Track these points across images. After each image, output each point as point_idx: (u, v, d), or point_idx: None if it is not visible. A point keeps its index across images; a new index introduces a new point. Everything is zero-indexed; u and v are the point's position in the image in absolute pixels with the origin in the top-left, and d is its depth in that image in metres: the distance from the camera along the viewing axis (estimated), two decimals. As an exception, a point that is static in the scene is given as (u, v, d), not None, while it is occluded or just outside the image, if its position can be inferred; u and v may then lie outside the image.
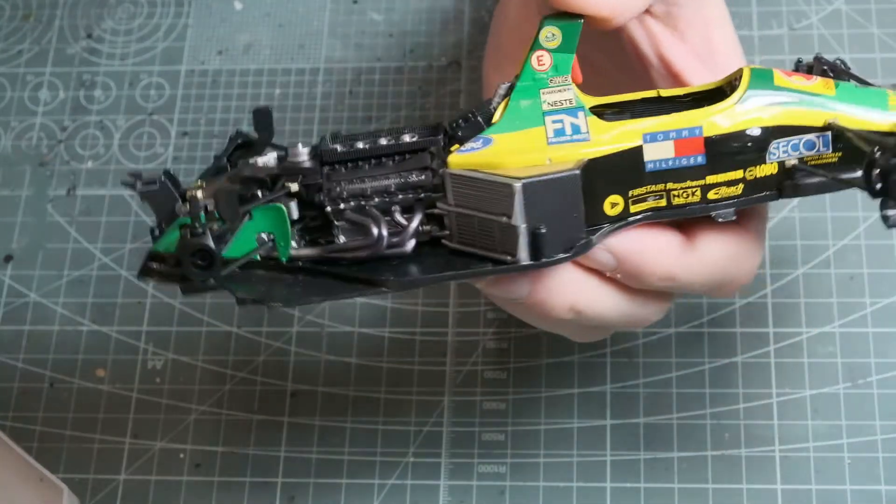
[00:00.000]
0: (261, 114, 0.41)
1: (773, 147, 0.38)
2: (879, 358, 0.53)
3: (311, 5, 0.65)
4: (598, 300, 0.40)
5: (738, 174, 0.39)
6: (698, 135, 0.38)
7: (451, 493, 0.53)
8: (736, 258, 0.41)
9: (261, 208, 0.38)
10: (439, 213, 0.38)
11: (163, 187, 0.38)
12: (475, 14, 0.64)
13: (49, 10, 0.67)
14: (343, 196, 0.39)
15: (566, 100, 0.38)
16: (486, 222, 0.37)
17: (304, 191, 0.38)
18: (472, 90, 0.61)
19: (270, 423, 0.55)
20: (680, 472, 0.52)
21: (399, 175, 0.39)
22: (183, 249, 0.36)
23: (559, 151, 0.37)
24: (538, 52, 0.38)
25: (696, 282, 0.41)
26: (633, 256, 0.39)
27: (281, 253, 0.39)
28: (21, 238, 0.61)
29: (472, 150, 0.38)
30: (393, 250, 0.38)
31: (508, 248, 0.37)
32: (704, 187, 0.39)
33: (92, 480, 0.55)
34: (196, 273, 0.36)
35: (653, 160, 0.38)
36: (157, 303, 0.58)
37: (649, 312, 0.42)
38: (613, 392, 0.53)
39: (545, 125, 0.38)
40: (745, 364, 0.53)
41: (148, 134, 0.63)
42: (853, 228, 0.55)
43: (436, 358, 0.55)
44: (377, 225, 0.38)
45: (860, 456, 0.51)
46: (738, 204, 0.39)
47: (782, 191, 0.39)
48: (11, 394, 0.57)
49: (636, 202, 0.39)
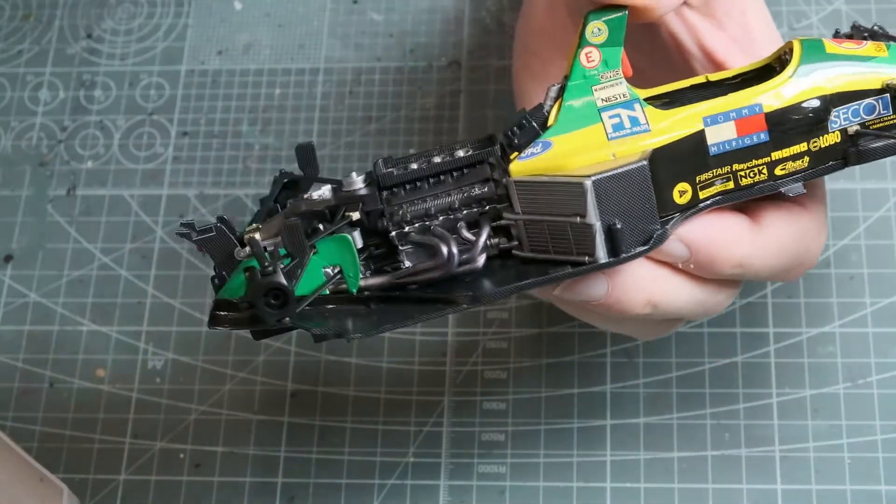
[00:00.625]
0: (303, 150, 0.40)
1: (833, 115, 0.38)
2: (879, 358, 0.53)
3: (311, 5, 0.65)
4: (674, 292, 0.40)
5: (803, 147, 0.38)
6: (759, 112, 0.38)
7: (451, 493, 0.53)
8: (803, 239, 0.41)
9: (325, 240, 0.38)
10: (506, 225, 0.38)
11: (220, 233, 0.38)
12: (475, 14, 0.64)
13: (49, 10, 0.67)
14: (406, 219, 0.38)
15: (620, 94, 0.38)
16: (557, 225, 0.37)
17: (366, 218, 0.38)
18: (473, 90, 0.61)
19: (270, 423, 0.55)
20: (680, 472, 0.52)
21: (460, 190, 0.38)
22: (255, 290, 0.36)
23: (621, 146, 0.37)
24: (586, 48, 0.38)
25: (766, 266, 0.41)
26: (706, 245, 0.39)
27: (350, 284, 0.38)
28: (21, 238, 0.61)
29: (533, 156, 0.37)
30: (464, 267, 0.38)
31: (585, 249, 0.37)
32: (770, 164, 0.38)
33: (92, 480, 0.55)
34: (270, 313, 0.36)
35: (716, 143, 0.38)
36: (157, 303, 0.58)
37: (721, 299, 0.42)
38: (613, 392, 0.53)
39: (602, 121, 0.37)
40: (745, 364, 0.53)
41: (148, 134, 0.63)
42: (853, 228, 0.55)
43: (436, 358, 0.55)
44: (446, 244, 0.37)
45: (860, 456, 0.51)
46: (806, 177, 0.39)
47: (848, 159, 0.39)
48: (11, 394, 0.57)
49: (704, 187, 0.38)
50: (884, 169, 0.56)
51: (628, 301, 0.39)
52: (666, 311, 0.40)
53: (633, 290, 0.39)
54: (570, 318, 0.55)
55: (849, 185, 0.56)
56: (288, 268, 0.36)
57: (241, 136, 0.62)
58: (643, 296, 0.39)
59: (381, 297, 0.39)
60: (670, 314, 0.41)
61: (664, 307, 0.40)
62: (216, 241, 0.38)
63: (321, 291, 0.38)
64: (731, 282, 0.42)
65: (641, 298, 0.39)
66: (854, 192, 0.56)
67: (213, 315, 0.39)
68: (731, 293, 0.43)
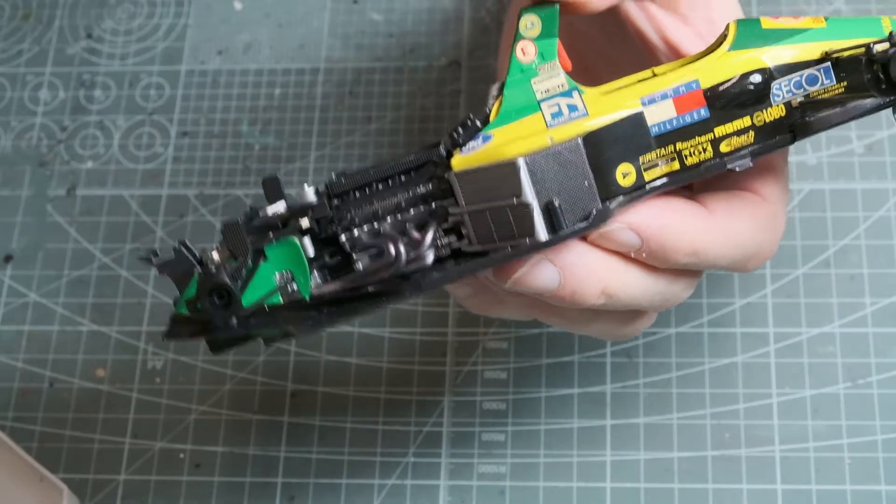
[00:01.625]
0: (270, 183, 0.41)
1: (775, 88, 0.38)
2: (879, 358, 0.53)
3: (311, 5, 0.65)
4: (628, 281, 0.40)
5: (746, 122, 0.38)
6: (696, 88, 0.38)
7: (451, 493, 0.53)
8: (759, 227, 0.41)
9: (274, 246, 0.38)
10: (456, 224, 0.38)
11: (179, 256, 0.38)
12: (475, 14, 0.64)
13: (49, 10, 0.67)
14: (355, 222, 0.39)
15: (558, 85, 0.38)
16: (498, 211, 0.37)
17: (316, 225, 0.38)
18: (472, 90, 0.61)
19: (270, 423, 0.55)
20: (680, 472, 0.52)
21: (407, 191, 0.38)
22: (200, 290, 0.37)
23: (560, 131, 0.37)
24: (521, 42, 0.38)
25: (721, 255, 0.40)
26: (656, 233, 0.39)
27: (302, 289, 0.39)
28: (21, 238, 0.61)
29: (473, 149, 0.38)
30: (413, 265, 0.38)
31: (526, 230, 0.37)
32: (714, 141, 0.38)
33: (92, 480, 0.55)
34: (217, 314, 0.37)
35: (656, 123, 0.38)
36: (157, 303, 0.58)
37: (679, 289, 0.42)
38: (613, 392, 0.53)
39: (542, 111, 0.38)
40: (745, 364, 0.53)
41: (148, 134, 0.63)
42: (853, 228, 0.55)
43: (436, 358, 0.55)
44: (393, 242, 0.38)
45: (860, 456, 0.51)
46: (754, 152, 0.39)
47: (795, 131, 0.39)
48: (11, 394, 0.57)
49: (648, 168, 0.38)
50: (884, 169, 0.56)
51: (582, 291, 0.39)
52: (622, 301, 0.40)
53: (586, 280, 0.39)
54: (570, 318, 0.55)
55: (849, 185, 0.56)
56: (232, 269, 0.37)
57: (241, 136, 0.62)
58: (596, 285, 0.39)
59: (336, 301, 0.39)
60: (627, 304, 0.40)
61: (620, 297, 0.40)
62: (175, 264, 0.39)
63: (273, 297, 0.38)
64: (688, 271, 0.42)
65: (595, 288, 0.39)
66: (854, 192, 0.56)
67: (169, 329, 0.39)
68: (689, 283, 0.42)
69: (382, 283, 0.38)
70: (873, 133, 0.57)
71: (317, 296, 0.39)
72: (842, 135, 0.57)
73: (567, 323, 0.43)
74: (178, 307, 0.39)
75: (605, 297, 0.39)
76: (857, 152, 0.57)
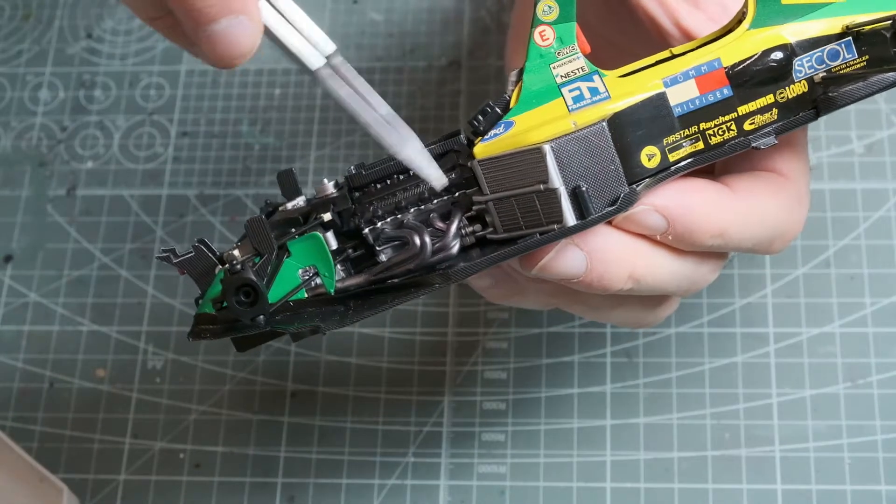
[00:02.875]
0: (285, 176, 0.41)
1: (797, 65, 0.38)
2: (879, 358, 0.53)
3: (311, 5, 0.65)
4: (655, 265, 0.39)
5: (769, 99, 0.38)
6: (718, 67, 0.38)
7: (451, 493, 0.53)
8: (783, 207, 0.41)
9: (298, 241, 0.38)
10: (480, 212, 0.38)
11: (199, 253, 0.38)
12: (475, 14, 0.64)
13: (49, 10, 0.67)
14: (378, 214, 0.38)
15: (578, 69, 0.38)
16: (525, 198, 0.37)
17: (338, 218, 0.38)
18: (473, 90, 0.61)
19: (270, 423, 0.55)
20: (680, 472, 0.52)
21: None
22: (227, 288, 0.36)
23: (583, 114, 0.37)
24: (539, 27, 0.38)
25: (747, 236, 0.40)
26: (682, 215, 0.39)
27: (326, 284, 0.38)
28: (21, 238, 0.61)
29: (496, 136, 0.37)
30: (439, 255, 0.38)
31: (553, 216, 0.36)
32: (738, 119, 0.38)
33: (92, 480, 0.55)
34: (243, 311, 0.36)
35: (679, 103, 0.38)
36: (157, 303, 0.58)
37: (705, 272, 0.41)
38: (613, 392, 0.53)
39: (563, 96, 0.37)
40: (745, 364, 0.53)
41: (148, 134, 0.63)
42: (853, 228, 0.55)
43: (436, 358, 0.55)
44: (418, 233, 0.38)
45: (860, 456, 0.51)
46: (777, 129, 0.39)
47: (818, 107, 0.39)
48: (11, 394, 0.57)
49: (673, 150, 0.38)
50: (884, 169, 0.56)
51: (609, 276, 0.38)
52: (649, 285, 0.40)
53: (614, 264, 0.38)
54: (570, 318, 0.55)
55: (849, 185, 0.56)
56: (257, 266, 0.37)
57: (241, 136, 0.62)
58: (624, 269, 0.39)
59: (361, 294, 0.39)
60: (654, 289, 0.40)
61: (647, 281, 0.39)
62: (196, 262, 0.38)
63: (298, 292, 0.38)
64: (714, 254, 0.42)
65: (623, 272, 0.39)
66: (854, 192, 0.56)
67: (193, 329, 0.39)
68: (715, 265, 0.42)
69: (408, 274, 0.38)
70: (873, 133, 0.57)
71: (341, 289, 0.38)
72: (842, 135, 0.57)
73: (589, 310, 0.43)
74: (201, 306, 0.38)
75: (633, 281, 0.39)
76: (857, 152, 0.57)
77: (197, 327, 0.39)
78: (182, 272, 0.39)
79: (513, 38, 0.51)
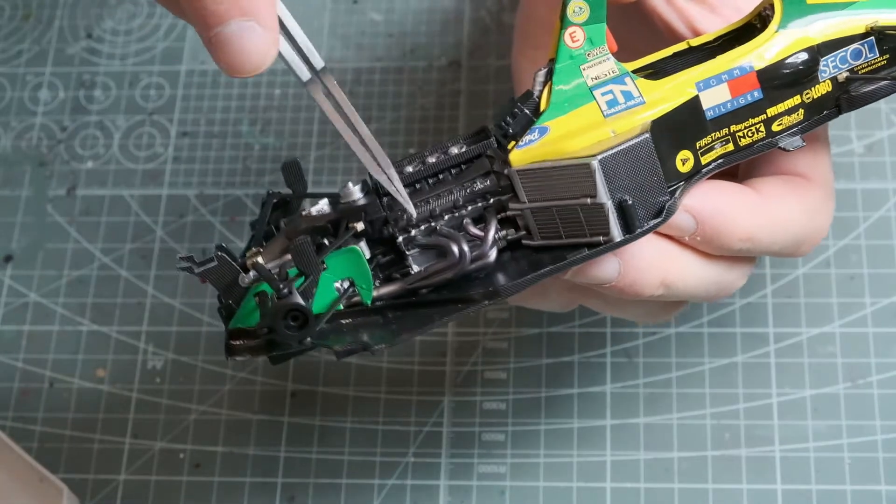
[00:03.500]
0: (290, 167, 0.40)
1: (822, 65, 0.38)
2: (879, 358, 0.53)
3: (311, 5, 0.65)
4: (686, 270, 0.39)
5: (797, 100, 0.39)
6: (750, 70, 0.38)
7: (451, 493, 0.53)
8: (810, 210, 0.41)
9: (334, 255, 0.37)
10: (511, 216, 0.38)
11: (221, 262, 0.37)
12: (475, 14, 0.64)
13: (49, 10, 0.67)
14: (412, 222, 0.38)
15: (609, 70, 0.38)
16: (567, 210, 0.37)
17: (370, 227, 0.38)
18: (472, 90, 0.61)
19: (270, 423, 0.55)
20: (680, 472, 0.52)
21: (462, 187, 0.38)
22: (275, 314, 0.35)
23: (619, 121, 0.37)
24: (570, 28, 0.37)
25: (775, 239, 0.40)
26: (711, 216, 0.39)
27: (364, 296, 0.38)
28: (21, 238, 0.61)
29: (531, 143, 0.37)
30: (477, 264, 0.37)
31: (599, 229, 0.36)
32: (767, 121, 0.39)
33: (92, 480, 0.55)
34: (291, 336, 0.36)
35: (712, 106, 0.38)
36: (157, 303, 0.58)
37: (734, 277, 0.42)
38: (613, 392, 0.53)
39: (596, 100, 0.37)
40: (745, 364, 0.53)
41: (148, 134, 0.63)
42: (853, 228, 0.55)
43: (436, 358, 0.55)
44: (456, 242, 0.37)
45: (860, 456, 0.51)
46: (804, 129, 0.39)
47: (840, 106, 0.39)
48: (11, 394, 0.57)
49: (705, 153, 0.38)
50: (884, 169, 0.56)
51: (642, 282, 0.39)
52: (680, 291, 0.40)
53: (647, 271, 0.38)
54: (571, 318, 0.55)
55: (849, 185, 0.56)
56: (303, 287, 0.36)
57: (241, 136, 0.62)
58: (657, 276, 0.39)
59: (396, 304, 0.38)
60: (684, 295, 0.40)
61: (678, 287, 0.39)
62: (218, 271, 0.37)
63: (336, 307, 0.38)
64: (742, 258, 0.42)
65: (655, 279, 0.39)
66: (854, 192, 0.56)
67: (228, 345, 0.38)
68: (743, 271, 0.42)
69: (445, 283, 0.38)
70: (873, 133, 0.57)
71: (375, 297, 0.38)
72: (842, 135, 0.57)
73: (606, 306, 0.43)
74: (234, 321, 0.38)
75: (664, 287, 0.39)
76: (857, 152, 0.57)
77: (232, 343, 0.38)
78: (203, 281, 0.38)
79: (518, 38, 0.50)
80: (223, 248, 0.38)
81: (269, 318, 0.36)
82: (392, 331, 0.37)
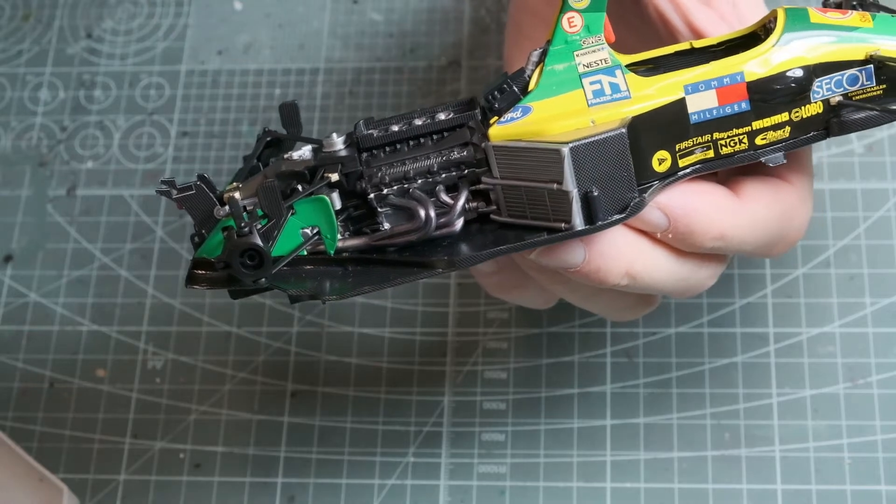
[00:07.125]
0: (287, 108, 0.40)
1: (816, 86, 0.38)
2: (879, 358, 0.53)
3: (311, 5, 0.65)
4: (653, 263, 0.39)
5: (784, 117, 0.38)
6: (740, 81, 0.38)
7: (451, 493, 0.53)
8: (786, 212, 0.41)
9: (303, 202, 0.38)
10: (484, 189, 0.38)
11: (199, 191, 0.38)
12: (475, 14, 0.64)
13: (49, 10, 0.67)
14: (385, 181, 0.38)
15: (601, 60, 0.38)
16: (535, 191, 0.37)
17: (345, 179, 0.38)
18: (473, 90, 0.61)
19: (270, 423, 0.55)
20: (680, 472, 0.52)
21: (440, 154, 0.38)
22: (231, 250, 0.36)
23: (601, 112, 0.37)
24: (568, 13, 0.37)
25: (748, 240, 0.40)
26: (685, 215, 0.39)
27: (328, 246, 0.38)
28: (21, 238, 0.61)
29: (513, 121, 0.37)
30: (442, 231, 0.38)
31: (561, 215, 0.36)
32: (751, 133, 0.38)
33: (92, 480, 0.55)
34: (246, 274, 0.36)
35: (697, 111, 0.38)
36: (157, 303, 0.58)
37: (704, 276, 0.42)
38: (613, 392, 0.53)
39: (583, 87, 0.37)
40: (745, 364, 0.53)
41: (148, 134, 0.63)
42: (853, 228, 0.55)
43: (436, 358, 0.55)
44: (424, 206, 0.37)
45: (860, 456, 0.51)
46: (787, 147, 0.39)
47: (830, 129, 0.39)
48: (11, 394, 0.57)
49: (684, 156, 0.38)
50: (884, 169, 0.56)
51: (606, 270, 0.38)
52: (645, 283, 0.40)
53: (612, 259, 0.38)
54: (570, 318, 0.55)
55: (849, 185, 0.56)
56: (264, 228, 0.36)
57: (241, 136, 0.62)
58: (622, 265, 0.39)
59: (359, 259, 0.39)
60: (650, 287, 0.40)
61: (643, 279, 0.39)
62: (196, 199, 0.38)
63: (299, 252, 0.38)
64: (714, 257, 0.41)
65: (620, 268, 0.39)
66: (854, 192, 0.56)
67: (190, 274, 0.39)
68: (714, 270, 0.42)
69: (408, 245, 0.38)
70: (873, 133, 0.57)
71: (340, 248, 0.38)
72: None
73: (576, 296, 0.43)
74: (199, 251, 0.38)
75: (629, 278, 0.39)
76: (857, 152, 0.57)
77: (194, 272, 0.39)
78: (181, 207, 0.38)
79: (511, 29, 0.51)
80: (204, 177, 0.38)
81: (226, 254, 0.36)
82: (348, 283, 0.38)
